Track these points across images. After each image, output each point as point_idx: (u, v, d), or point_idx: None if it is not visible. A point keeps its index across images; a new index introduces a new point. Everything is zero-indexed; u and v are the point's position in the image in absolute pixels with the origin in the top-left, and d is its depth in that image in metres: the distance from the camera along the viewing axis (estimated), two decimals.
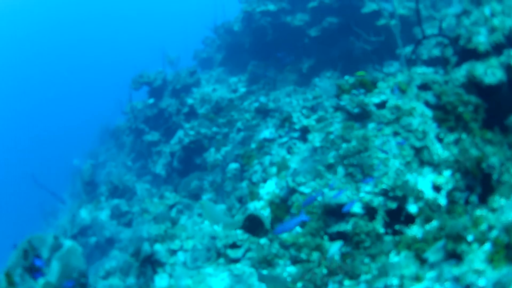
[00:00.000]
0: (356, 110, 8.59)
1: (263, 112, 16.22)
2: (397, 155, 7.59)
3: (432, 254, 5.33)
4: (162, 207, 14.72)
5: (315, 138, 9.02)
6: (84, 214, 17.32)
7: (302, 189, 8.47)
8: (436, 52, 13.79)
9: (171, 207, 14.78)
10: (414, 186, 7.18)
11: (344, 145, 8.13)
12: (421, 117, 8.02)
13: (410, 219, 7.10)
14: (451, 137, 7.89)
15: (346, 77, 9.84)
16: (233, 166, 14.54)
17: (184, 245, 9.44)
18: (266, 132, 14.09)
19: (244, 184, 13.74)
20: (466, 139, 7.60)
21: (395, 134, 7.87)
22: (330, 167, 8.19)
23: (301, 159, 9.32)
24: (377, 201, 7.17)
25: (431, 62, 13.60)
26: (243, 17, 19.12)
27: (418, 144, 7.62)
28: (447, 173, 7.31)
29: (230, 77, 19.82)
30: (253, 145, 14.72)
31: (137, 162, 20.37)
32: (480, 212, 5.47)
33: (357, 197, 7.35)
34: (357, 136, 8.02)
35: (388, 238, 6.96)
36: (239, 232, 8.76)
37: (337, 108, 9.07)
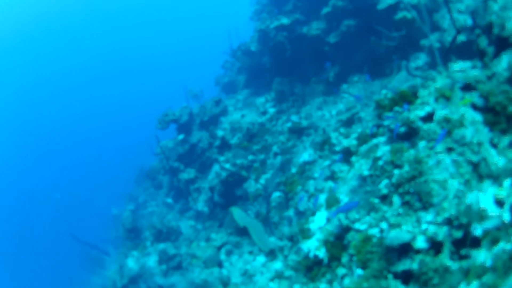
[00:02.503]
0: (402, 130, 7.87)
1: (297, 132, 15.61)
2: (454, 174, 6.84)
3: None
4: (210, 250, 14.26)
5: (362, 166, 8.34)
6: (132, 263, 17.08)
7: (357, 226, 7.79)
8: (462, 38, 12.90)
9: (219, 248, 14.30)
10: (477, 207, 6.45)
11: (396, 172, 7.41)
12: (473, 125, 7.25)
13: (476, 242, 6.39)
14: (505, 141, 7.14)
15: (384, 92, 9.14)
16: (277, 194, 14.01)
17: None
18: (305, 155, 13.51)
19: (291, 212, 13.18)
20: None
21: (449, 150, 7.11)
22: (384, 198, 7.49)
23: (350, 189, 8.65)
24: (442, 232, 6.44)
25: (459, 50, 12.71)
26: (258, 36, 18.57)
27: (474, 158, 6.86)
28: (507, 183, 6.58)
29: (257, 98, 19.26)
30: (293, 170, 14.15)
31: (178, 199, 20.01)
32: None
33: (418, 230, 6.64)
34: (408, 159, 7.29)
35: (455, 266, 6.28)
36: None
37: (379, 127, 8.36)
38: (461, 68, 9.52)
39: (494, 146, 7.18)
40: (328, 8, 16.70)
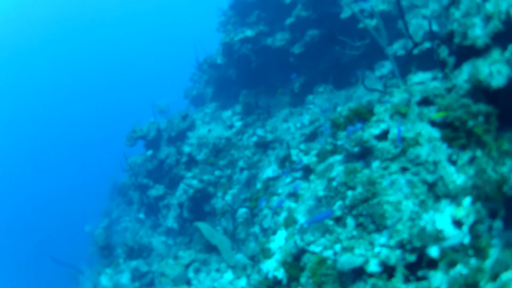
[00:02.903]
0: (356, 149, 7.68)
1: (263, 146, 15.41)
2: (409, 195, 6.67)
3: None
4: (179, 268, 13.96)
5: (318, 186, 8.14)
6: (105, 281, 16.83)
7: (313, 248, 7.58)
8: (427, 44, 12.83)
9: (187, 266, 14.03)
10: (432, 229, 6.27)
11: (350, 193, 7.22)
12: (429, 142, 7.07)
13: (432, 263, 6.22)
14: (464, 157, 6.91)
15: (339, 109, 8.96)
16: (243, 210, 13.80)
17: None
18: (269, 171, 13.31)
19: (257, 228, 12.98)
20: (482, 157, 6.64)
21: (403, 170, 6.94)
22: (339, 220, 7.30)
23: (307, 209, 8.43)
24: (394, 256, 6.27)
25: (423, 57, 12.63)
26: (223, 49, 18.36)
27: (430, 178, 6.68)
28: (466, 201, 6.37)
29: (224, 112, 19.03)
30: (258, 185, 13.95)
31: (149, 215, 19.69)
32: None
33: (371, 253, 6.47)
34: (362, 180, 7.10)
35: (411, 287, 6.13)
36: None
37: (334, 147, 8.17)
38: (421, 79, 9.37)
39: (453, 163, 6.95)
40: (291, 18, 16.56)
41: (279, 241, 9.47)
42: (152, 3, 79.02)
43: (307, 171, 10.32)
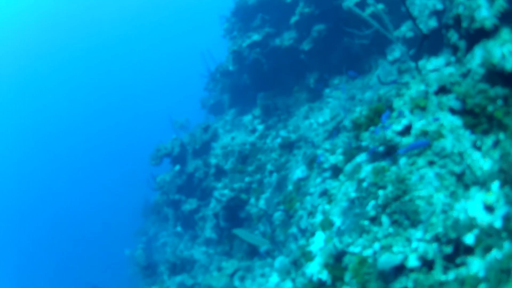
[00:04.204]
0: (381, 149, 7.86)
1: (288, 146, 15.61)
2: (439, 188, 6.83)
3: None
4: (224, 278, 14.29)
5: (349, 188, 8.35)
6: None
7: (352, 249, 7.80)
8: (433, 23, 12.83)
9: (232, 275, 14.34)
10: (465, 218, 6.43)
11: (381, 192, 7.42)
12: (452, 132, 7.22)
13: (469, 250, 6.39)
14: (488, 142, 7.03)
15: (358, 109, 9.12)
16: (278, 213, 14.05)
17: None
18: (298, 172, 13.53)
19: (295, 229, 13.22)
20: (505, 140, 6.75)
21: (431, 164, 7.10)
22: (374, 220, 7.50)
23: (341, 211, 8.64)
24: (432, 250, 6.45)
25: (432, 35, 12.62)
26: (233, 57, 18.60)
27: (457, 169, 6.82)
28: (495, 186, 6.50)
29: (244, 117, 19.29)
30: (290, 187, 14.18)
31: (186, 229, 20.08)
32: None
33: (409, 249, 6.66)
34: (391, 179, 7.29)
35: (451, 277, 6.30)
36: None
37: (359, 149, 8.36)
38: (435, 66, 9.45)
39: (478, 148, 7.08)
40: (296, 16, 16.69)
41: (318, 243, 9.70)
42: (151, 18, 79.29)
43: (336, 170, 10.50)
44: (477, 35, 7.75)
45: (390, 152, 7.85)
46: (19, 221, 49.98)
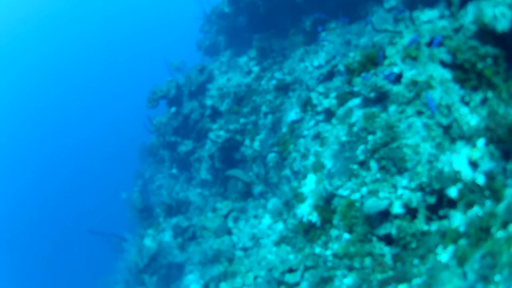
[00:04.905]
0: (372, 95, 8.10)
1: (283, 88, 15.79)
2: (425, 138, 7.15)
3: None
4: (218, 219, 14.80)
5: (340, 132, 8.66)
6: (149, 242, 17.71)
7: (341, 192, 8.21)
8: None
9: (226, 216, 14.84)
10: (450, 171, 6.75)
11: (370, 138, 7.74)
12: (441, 84, 7.44)
13: (452, 203, 6.77)
14: (477, 98, 7.24)
15: (351, 54, 9.27)
16: (272, 155, 14.42)
17: (246, 281, 9.48)
18: (292, 114, 13.81)
19: (288, 171, 13.63)
20: (493, 98, 6.97)
21: (419, 113, 7.38)
22: (362, 164, 7.86)
23: (332, 154, 8.99)
24: (416, 198, 6.85)
25: None
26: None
27: (444, 121, 7.12)
28: (480, 142, 6.77)
29: (239, 58, 19.30)
30: (284, 129, 14.48)
31: (181, 171, 20.48)
32: None
33: (394, 195, 7.06)
34: (380, 125, 7.60)
35: (433, 228, 6.73)
36: (291, 256, 8.73)
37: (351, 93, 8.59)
38: (429, 18, 9.52)
39: (466, 104, 7.31)
40: None
41: (310, 185, 10.14)
42: None
43: (329, 114, 10.76)
44: None
45: (381, 98, 8.10)
46: (16, 167, 50.45)
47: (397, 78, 7.97)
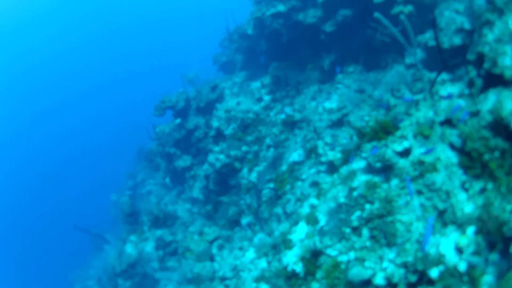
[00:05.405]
0: (378, 165, 8.06)
1: (290, 125, 15.77)
2: (420, 218, 7.16)
3: None
4: (203, 244, 14.70)
5: (339, 192, 8.61)
6: (130, 249, 17.64)
7: (329, 251, 8.20)
8: (457, 40, 12.74)
9: (211, 242, 14.75)
10: (435, 253, 6.79)
11: (368, 206, 7.70)
12: (446, 168, 7.42)
13: (431, 282, 6.83)
14: (476, 187, 7.26)
15: (366, 118, 9.25)
16: (267, 190, 14.36)
17: None
18: (295, 155, 13.77)
19: (280, 210, 13.54)
20: (492, 190, 6.95)
21: (419, 193, 7.35)
22: (355, 230, 7.84)
23: (328, 211, 8.93)
24: (398, 274, 6.88)
25: (453, 52, 12.52)
26: (254, 23, 18.41)
27: (441, 206, 7.15)
28: (470, 230, 6.86)
29: (252, 83, 19.28)
30: (284, 167, 14.41)
31: (175, 184, 20.40)
32: None
33: (379, 266, 7.07)
34: (380, 196, 7.58)
35: None
36: None
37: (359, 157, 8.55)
38: (448, 93, 9.47)
39: (466, 190, 7.31)
40: None
41: (300, 234, 10.08)
42: None
43: (331, 166, 10.73)
44: (495, 80, 7.77)
45: (386, 169, 8.06)
46: (10, 158, 50.55)
47: (405, 153, 7.94)
